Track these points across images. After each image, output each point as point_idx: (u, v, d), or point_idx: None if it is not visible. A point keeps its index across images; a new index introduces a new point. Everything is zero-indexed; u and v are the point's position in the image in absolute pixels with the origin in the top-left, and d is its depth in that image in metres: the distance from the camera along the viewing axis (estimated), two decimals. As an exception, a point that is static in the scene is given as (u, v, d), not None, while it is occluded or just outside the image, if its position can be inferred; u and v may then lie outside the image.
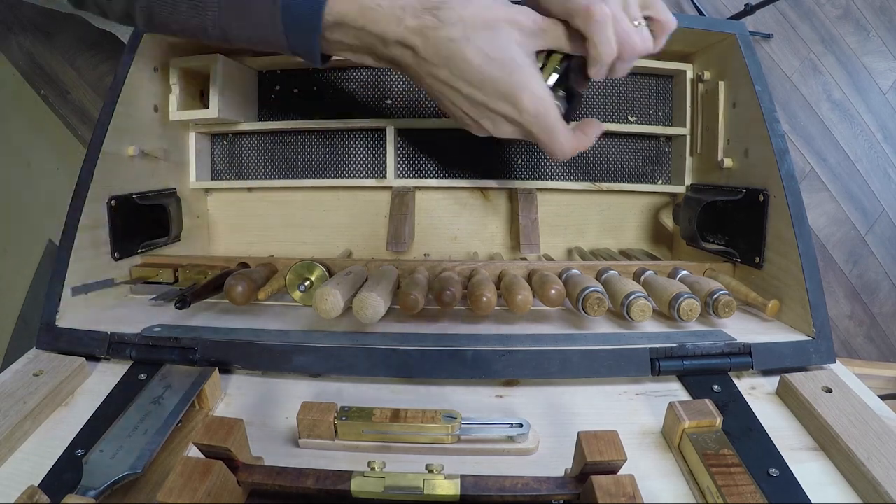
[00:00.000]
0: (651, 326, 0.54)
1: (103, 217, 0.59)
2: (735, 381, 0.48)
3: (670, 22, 0.45)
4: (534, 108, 0.42)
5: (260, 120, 0.77)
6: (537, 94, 0.42)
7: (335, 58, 0.46)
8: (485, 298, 0.51)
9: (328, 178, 0.77)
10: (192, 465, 0.31)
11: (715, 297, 0.52)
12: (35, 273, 1.32)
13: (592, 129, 0.48)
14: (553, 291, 0.52)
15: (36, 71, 1.30)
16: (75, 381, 0.47)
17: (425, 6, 0.40)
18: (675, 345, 0.48)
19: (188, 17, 0.43)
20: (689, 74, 0.73)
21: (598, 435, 0.33)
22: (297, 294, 0.56)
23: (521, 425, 0.40)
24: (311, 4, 0.40)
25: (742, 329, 0.53)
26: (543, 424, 0.42)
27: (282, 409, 0.45)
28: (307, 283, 0.56)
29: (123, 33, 1.04)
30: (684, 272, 0.60)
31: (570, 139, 0.45)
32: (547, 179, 0.77)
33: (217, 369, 0.46)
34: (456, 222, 0.79)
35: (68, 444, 0.40)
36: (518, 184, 0.75)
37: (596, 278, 0.58)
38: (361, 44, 0.42)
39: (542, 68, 0.44)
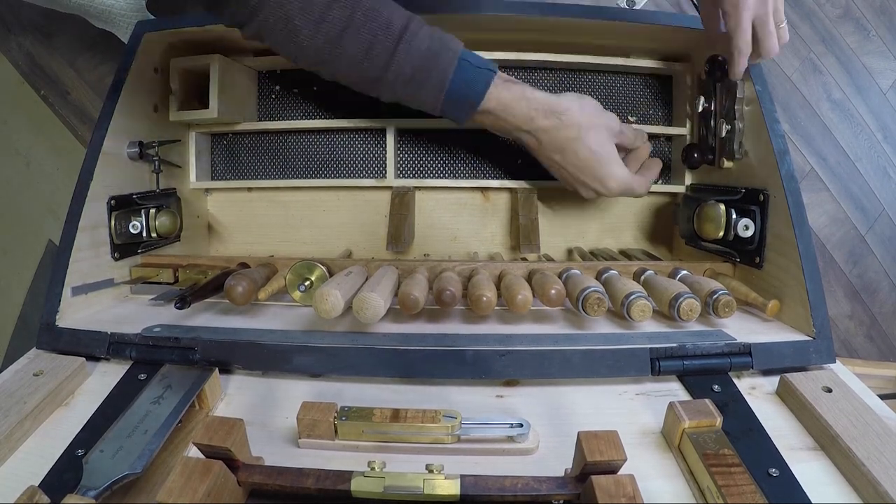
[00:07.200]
0: (651, 326, 0.54)
1: (103, 217, 0.59)
2: (735, 381, 0.48)
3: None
4: (617, 188, 0.60)
5: (260, 120, 0.77)
6: (619, 177, 0.60)
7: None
8: (485, 298, 0.51)
9: (328, 178, 0.77)
10: (192, 465, 0.31)
11: (715, 297, 0.52)
12: (35, 273, 1.32)
13: (654, 170, 0.66)
14: (553, 291, 0.52)
15: (36, 71, 1.30)
16: (75, 381, 0.47)
17: (553, 111, 0.56)
18: (675, 345, 0.48)
19: (369, 87, 0.56)
20: (689, 74, 0.73)
21: (598, 435, 0.33)
22: (297, 294, 0.56)
23: (521, 425, 0.40)
24: (470, 100, 0.54)
25: (742, 329, 0.53)
26: (543, 424, 0.42)
27: (282, 409, 0.45)
28: (307, 283, 0.56)
29: (123, 33, 1.04)
30: (684, 272, 0.60)
31: (643, 187, 0.62)
32: (547, 179, 0.77)
33: (217, 369, 0.46)
34: (456, 222, 0.79)
35: (68, 444, 0.40)
36: (518, 184, 0.75)
37: (596, 278, 0.58)
38: (498, 127, 0.58)
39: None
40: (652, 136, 0.77)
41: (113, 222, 0.60)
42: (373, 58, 0.52)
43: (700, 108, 0.67)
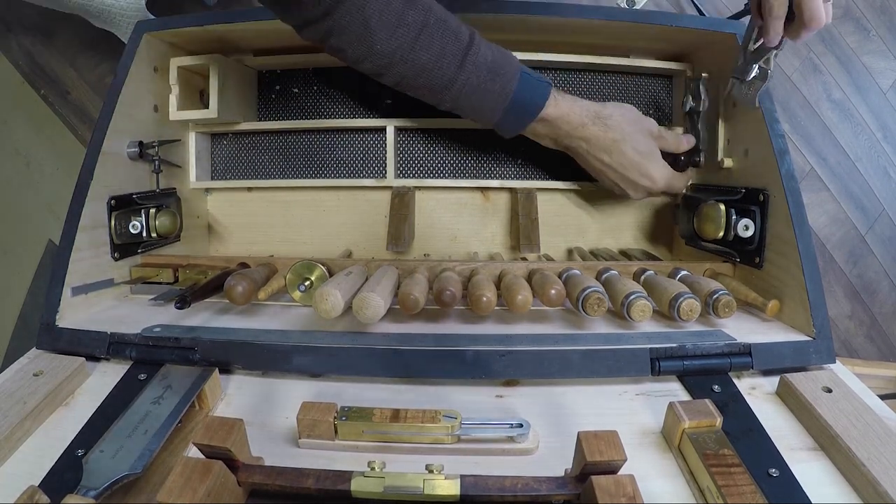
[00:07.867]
0: (651, 326, 0.54)
1: (103, 217, 0.59)
2: (735, 381, 0.48)
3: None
4: (663, 183, 0.64)
5: (260, 120, 0.77)
6: (664, 173, 0.64)
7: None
8: (485, 298, 0.51)
9: (328, 178, 0.77)
10: (192, 465, 0.31)
11: (715, 297, 0.52)
12: (35, 273, 1.32)
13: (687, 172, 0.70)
14: (553, 291, 0.52)
15: (36, 71, 1.30)
16: (75, 381, 0.47)
17: (599, 116, 0.60)
18: (675, 345, 0.48)
19: (432, 94, 0.56)
20: (689, 74, 0.72)
21: (598, 435, 0.33)
22: (297, 294, 0.56)
23: (521, 425, 0.40)
24: (531, 109, 0.57)
25: (742, 329, 0.53)
26: (543, 424, 0.42)
27: (282, 409, 0.45)
28: (307, 283, 0.56)
29: (123, 33, 1.04)
30: (684, 272, 0.60)
31: (681, 182, 0.67)
32: (547, 179, 0.77)
33: (217, 369, 0.46)
34: (456, 222, 0.79)
35: (68, 444, 0.40)
36: (518, 184, 0.75)
37: (596, 278, 0.58)
38: (550, 134, 0.61)
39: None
40: (652, 136, 0.77)
41: (113, 222, 0.60)
42: (443, 66, 0.52)
43: (687, 108, 0.67)
